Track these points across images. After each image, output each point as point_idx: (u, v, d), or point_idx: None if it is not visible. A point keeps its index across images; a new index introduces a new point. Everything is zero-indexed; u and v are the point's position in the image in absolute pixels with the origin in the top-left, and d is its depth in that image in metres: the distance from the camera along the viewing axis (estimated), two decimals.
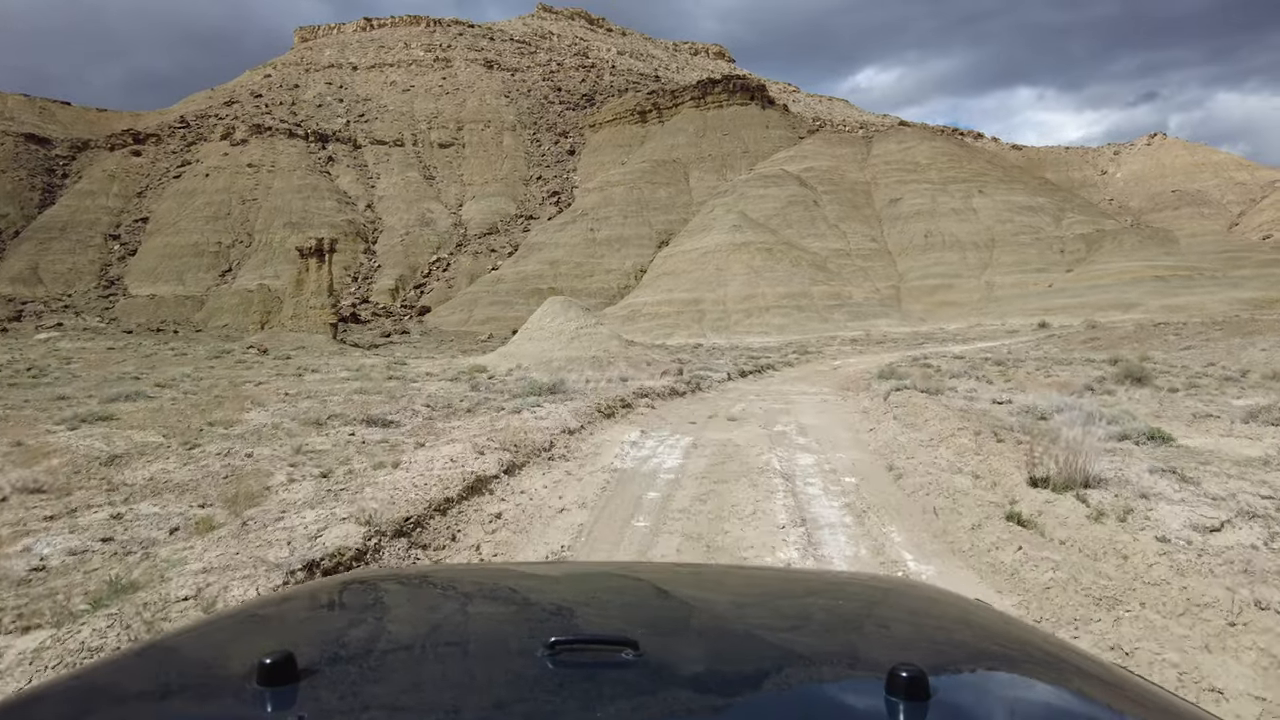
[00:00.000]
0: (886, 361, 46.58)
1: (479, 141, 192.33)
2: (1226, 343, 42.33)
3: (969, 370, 35.61)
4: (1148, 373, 26.90)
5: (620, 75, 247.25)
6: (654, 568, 2.86)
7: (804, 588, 1.97)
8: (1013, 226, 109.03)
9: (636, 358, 35.93)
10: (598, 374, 33.31)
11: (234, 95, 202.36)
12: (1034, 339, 61.76)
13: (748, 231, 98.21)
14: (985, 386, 25.39)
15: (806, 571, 2.93)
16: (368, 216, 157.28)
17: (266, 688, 1.13)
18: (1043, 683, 1.36)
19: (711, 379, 30.53)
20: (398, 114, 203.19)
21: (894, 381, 21.03)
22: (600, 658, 1.25)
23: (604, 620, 1.65)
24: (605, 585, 1.95)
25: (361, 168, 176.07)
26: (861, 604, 1.81)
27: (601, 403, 14.94)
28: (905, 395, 14.36)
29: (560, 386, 16.33)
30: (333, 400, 18.00)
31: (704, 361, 42.06)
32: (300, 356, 49.33)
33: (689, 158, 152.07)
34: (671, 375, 25.12)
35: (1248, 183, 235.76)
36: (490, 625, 1.59)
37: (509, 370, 34.75)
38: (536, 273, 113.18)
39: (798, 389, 30.43)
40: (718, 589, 1.94)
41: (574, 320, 37.43)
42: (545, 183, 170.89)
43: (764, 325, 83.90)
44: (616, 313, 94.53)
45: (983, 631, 1.60)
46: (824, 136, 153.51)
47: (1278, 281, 78.63)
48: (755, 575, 2.37)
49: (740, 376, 34.11)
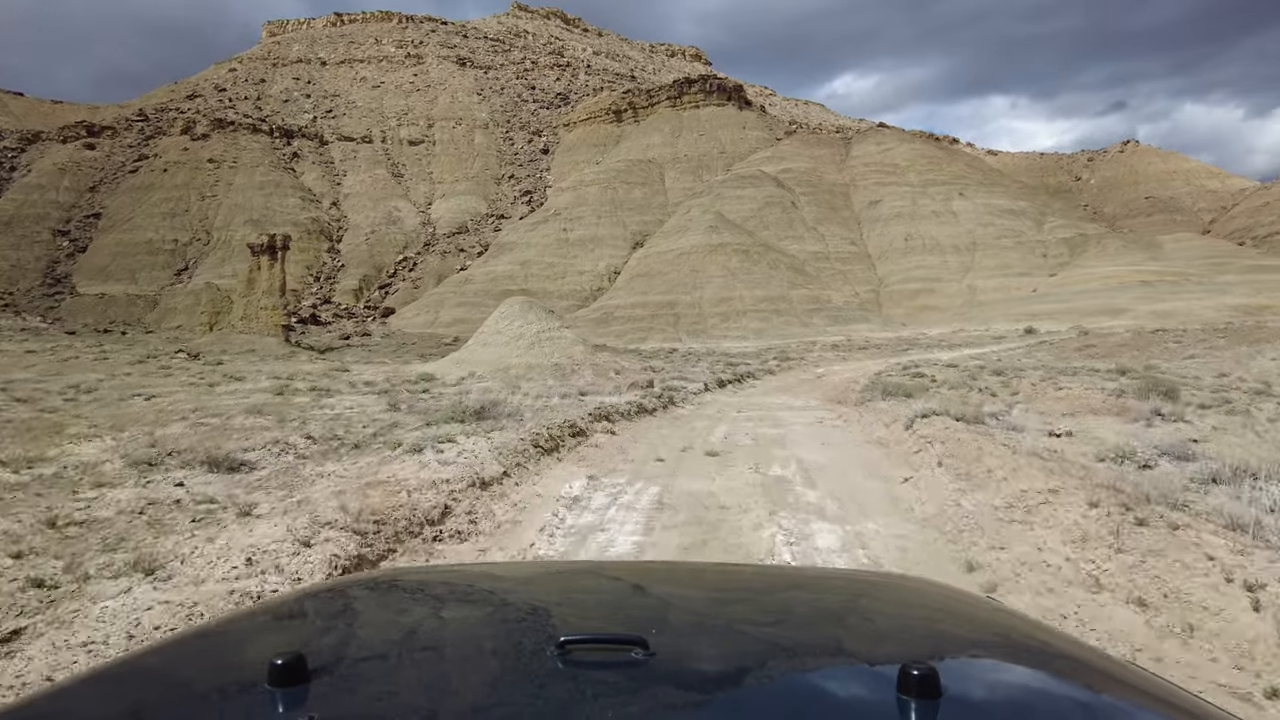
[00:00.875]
0: (874, 370, 43.55)
1: (450, 139, 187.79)
2: (1232, 351, 39.93)
3: (967, 380, 32.52)
4: (1175, 387, 23.81)
5: (596, 75, 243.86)
6: (663, 566, 2.80)
7: (815, 585, 1.95)
8: (994, 230, 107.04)
9: (604, 365, 32.49)
10: (559, 384, 29.78)
11: (197, 89, 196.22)
12: (1023, 345, 59.30)
13: (724, 233, 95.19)
14: (1020, 409, 22.33)
15: (817, 569, 2.80)
16: (333, 214, 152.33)
17: (277, 688, 1.14)
18: (1055, 681, 1.36)
19: (687, 390, 27.18)
20: (367, 110, 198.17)
21: (904, 400, 17.81)
22: (610, 657, 1.25)
23: (613, 619, 1.65)
24: (614, 584, 1.94)
25: (328, 165, 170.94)
26: (873, 601, 1.80)
27: (543, 432, 11.45)
28: (940, 426, 11.00)
29: (494, 408, 12.79)
30: (223, 420, 14.35)
31: (679, 369, 38.70)
32: (236, 362, 45.20)
33: (664, 158, 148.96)
34: (641, 387, 21.69)
35: (1219, 190, 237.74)
36: (500, 624, 1.61)
37: (459, 379, 31.15)
38: (507, 273, 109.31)
39: (784, 402, 27.14)
40: (727, 587, 1.93)
41: (535, 323, 33.88)
42: (518, 182, 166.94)
43: (741, 329, 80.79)
44: (588, 315, 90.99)
45: (995, 629, 1.61)
46: (801, 138, 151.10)
47: (1265, 287, 77.08)
48: (765, 573, 2.34)
49: (719, 387, 30.79)
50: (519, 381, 30.48)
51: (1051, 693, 1.30)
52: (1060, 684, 1.34)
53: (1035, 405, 25.29)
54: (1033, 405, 25.04)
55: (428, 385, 23.99)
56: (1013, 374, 35.21)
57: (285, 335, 70.59)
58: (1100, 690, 1.30)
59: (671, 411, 20.13)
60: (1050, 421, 13.83)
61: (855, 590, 1.90)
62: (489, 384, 29.57)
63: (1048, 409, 23.95)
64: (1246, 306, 69.37)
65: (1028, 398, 27.69)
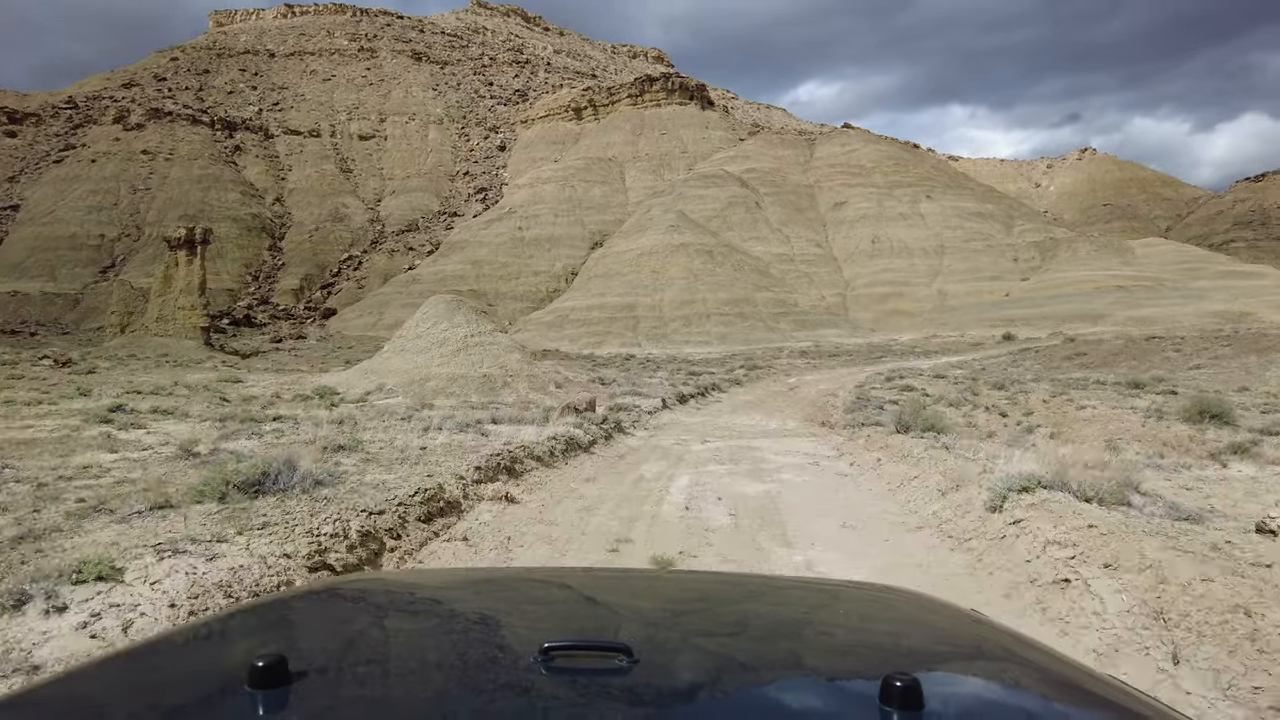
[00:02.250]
0: (853, 381, 39.13)
1: (402, 134, 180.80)
2: (1240, 361, 36.43)
3: (965, 396, 28.05)
4: (1228, 409, 19.42)
5: (556, 73, 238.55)
6: (648, 574, 2.81)
7: (799, 596, 1.95)
8: (963, 233, 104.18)
9: (543, 377, 27.44)
10: (484, 399, 24.65)
11: (135, 78, 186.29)
12: (1005, 353, 55.68)
13: (686, 232, 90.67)
14: (1040, 435, 17.91)
15: (802, 579, 2.72)
16: (276, 211, 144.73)
17: (259, 690, 1.13)
18: (1037, 694, 1.36)
19: (640, 410, 22.23)
20: (316, 104, 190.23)
21: (929, 433, 13.22)
22: (594, 664, 1.25)
23: (597, 626, 1.65)
24: (599, 591, 1.93)
25: (272, 159, 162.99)
26: (857, 612, 1.80)
27: (381, 515, 6.42)
28: (1071, 522, 6.11)
29: (292, 475, 7.52)
30: None
31: (634, 379, 33.75)
32: (124, 370, 39.27)
33: (625, 156, 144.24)
34: (577, 410, 16.71)
35: (1174, 198, 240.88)
36: (484, 630, 1.60)
37: (364, 394, 25.85)
38: (457, 273, 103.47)
39: (759, 425, 22.33)
40: (712, 596, 1.91)
41: (462, 326, 28.70)
42: (472, 179, 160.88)
43: (704, 334, 76.25)
44: (542, 318, 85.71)
45: (978, 641, 1.60)
46: (765, 138, 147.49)
47: (1242, 293, 74.98)
48: (749, 583, 2.30)
49: (679, 403, 25.93)
50: (435, 397, 25.30)
51: (1031, 707, 1.29)
52: (1041, 696, 1.32)
53: (1063, 431, 20.92)
54: (1059, 431, 20.67)
55: (293, 422, 18.70)
56: (1014, 387, 30.99)
57: (206, 338, 64.18)
58: (1083, 706, 1.29)
59: (615, 445, 15.22)
60: (1169, 478, 9.22)
61: (840, 600, 1.89)
62: (396, 400, 24.37)
63: (1080, 436, 19.45)
64: (1227, 313, 66.93)
65: (1051, 423, 23.22)
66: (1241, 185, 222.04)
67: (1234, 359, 36.51)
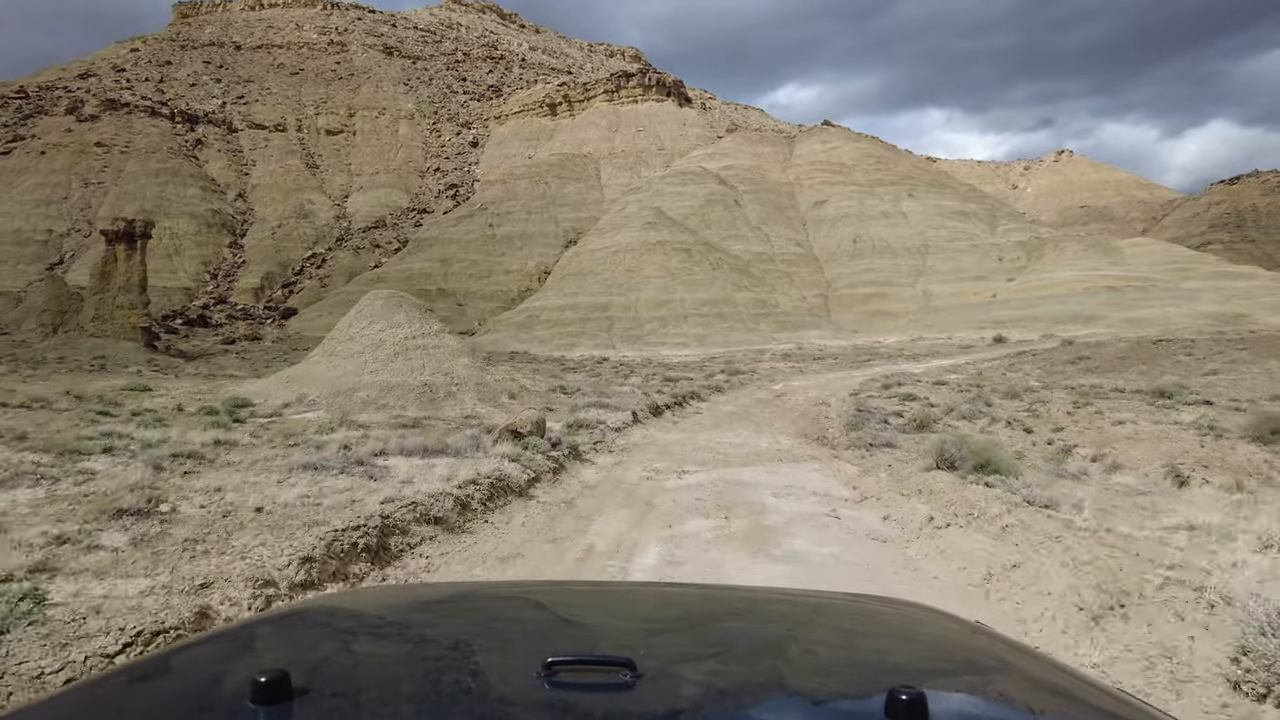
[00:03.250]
0: (843, 387, 35.76)
1: (372, 129, 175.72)
2: (1261, 366, 33.65)
3: (977, 407, 24.62)
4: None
5: (531, 69, 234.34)
6: (651, 587, 2.78)
7: (804, 608, 1.93)
8: (946, 232, 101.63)
9: (495, 386, 23.75)
10: (424, 411, 20.94)
11: (92, 69, 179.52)
12: (999, 356, 52.73)
13: (663, 229, 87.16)
14: (1090, 460, 14.88)
15: (807, 592, 2.67)
16: (238, 207, 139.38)
17: (261, 706, 1.12)
18: (1043, 708, 1.35)
19: (605, 427, 18.62)
20: (282, 97, 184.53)
21: (992, 474, 9.82)
22: (597, 678, 1.24)
23: (601, 640, 1.63)
24: (602, 605, 1.93)
25: (235, 153, 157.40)
26: (862, 625, 1.78)
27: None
28: None
29: None
30: None
31: (604, 387, 30.06)
32: (8, 380, 35.06)
33: (601, 153, 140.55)
34: (517, 434, 13.06)
35: (1148, 201, 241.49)
36: (487, 644, 1.58)
37: (283, 405, 22.00)
38: (425, 271, 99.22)
39: (748, 444, 18.82)
40: (716, 609, 1.90)
41: (403, 326, 24.94)
42: (443, 175, 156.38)
43: (682, 335, 72.77)
44: (512, 318, 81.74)
45: (984, 654, 1.58)
46: (744, 135, 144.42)
47: (1234, 294, 73.01)
48: (754, 595, 2.27)
49: (653, 415, 22.35)
50: (363, 410, 21.49)
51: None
52: (1051, 714, 1.31)
53: (1107, 452, 17.56)
54: (1103, 452, 17.34)
55: (172, 429, 14.86)
56: (1028, 396, 27.78)
57: (147, 339, 59.65)
58: (1090, 715, 1.28)
59: (565, 482, 11.62)
60: None
61: (845, 613, 1.87)
62: (313, 415, 20.55)
63: (1130, 459, 16.18)
64: (1223, 314, 64.73)
65: (1089, 441, 19.70)
66: (1217, 188, 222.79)
67: (1253, 363, 33.75)
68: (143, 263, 59.64)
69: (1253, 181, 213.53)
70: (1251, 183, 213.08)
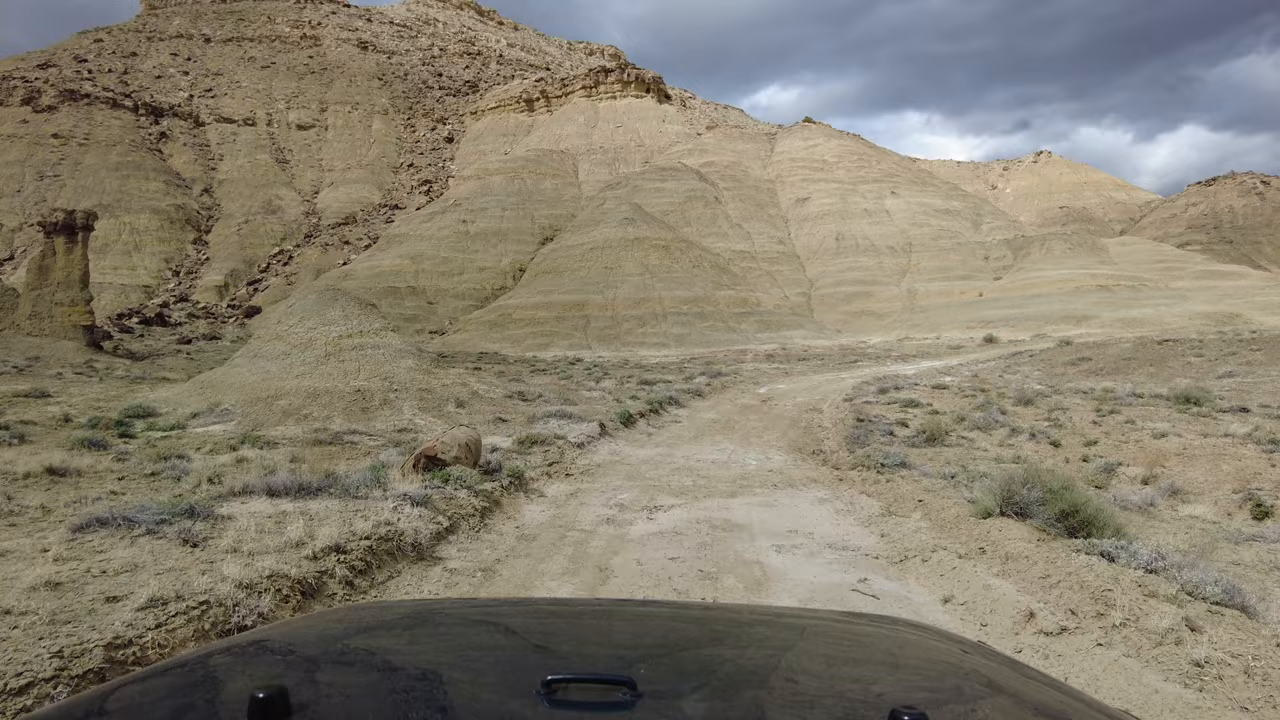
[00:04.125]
0: (834, 389, 33.08)
1: (345, 124, 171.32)
2: (1279, 368, 31.50)
3: (989, 415, 22.00)
4: None
5: (509, 65, 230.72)
6: (650, 605, 2.77)
7: (804, 627, 1.91)
8: (930, 230, 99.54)
9: (442, 393, 20.70)
10: (353, 422, 17.92)
11: (52, 59, 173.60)
12: (993, 357, 50.38)
13: (642, 225, 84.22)
14: (1153, 488, 12.27)
15: (807, 611, 2.59)
16: (203, 202, 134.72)
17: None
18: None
19: (567, 440, 15.79)
20: (252, 90, 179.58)
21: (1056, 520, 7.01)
22: (596, 697, 1.23)
23: (600, 658, 1.61)
24: (601, 622, 1.91)
25: (202, 147, 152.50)
26: (863, 644, 1.76)
27: None
28: None
29: None
30: None
31: (569, 393, 27.09)
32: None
33: (579, 149, 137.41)
34: (443, 455, 10.14)
35: (1126, 202, 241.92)
36: (487, 661, 1.56)
37: (191, 415, 18.89)
38: (394, 268, 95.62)
39: (733, 459, 16.21)
40: (716, 627, 1.88)
41: (338, 324, 21.86)
42: (417, 171, 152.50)
43: (660, 335, 69.91)
44: (483, 317, 78.43)
45: (985, 675, 1.58)
46: (724, 131, 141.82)
47: (1225, 294, 71.38)
48: (754, 613, 2.25)
49: (624, 425, 19.47)
50: (282, 421, 18.37)
51: None
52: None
53: (1158, 471, 15.08)
54: (1155, 473, 14.90)
55: None
56: (1042, 402, 25.17)
57: (90, 338, 55.87)
58: None
59: (494, 530, 8.72)
60: None
61: (845, 633, 1.85)
62: (220, 428, 17.44)
63: (1191, 482, 13.78)
64: (1216, 314, 62.92)
65: (1134, 458, 17.05)
66: (1193, 189, 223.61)
67: (1269, 365, 31.57)
68: (84, 256, 55.78)
69: (1229, 183, 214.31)
70: (1228, 184, 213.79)
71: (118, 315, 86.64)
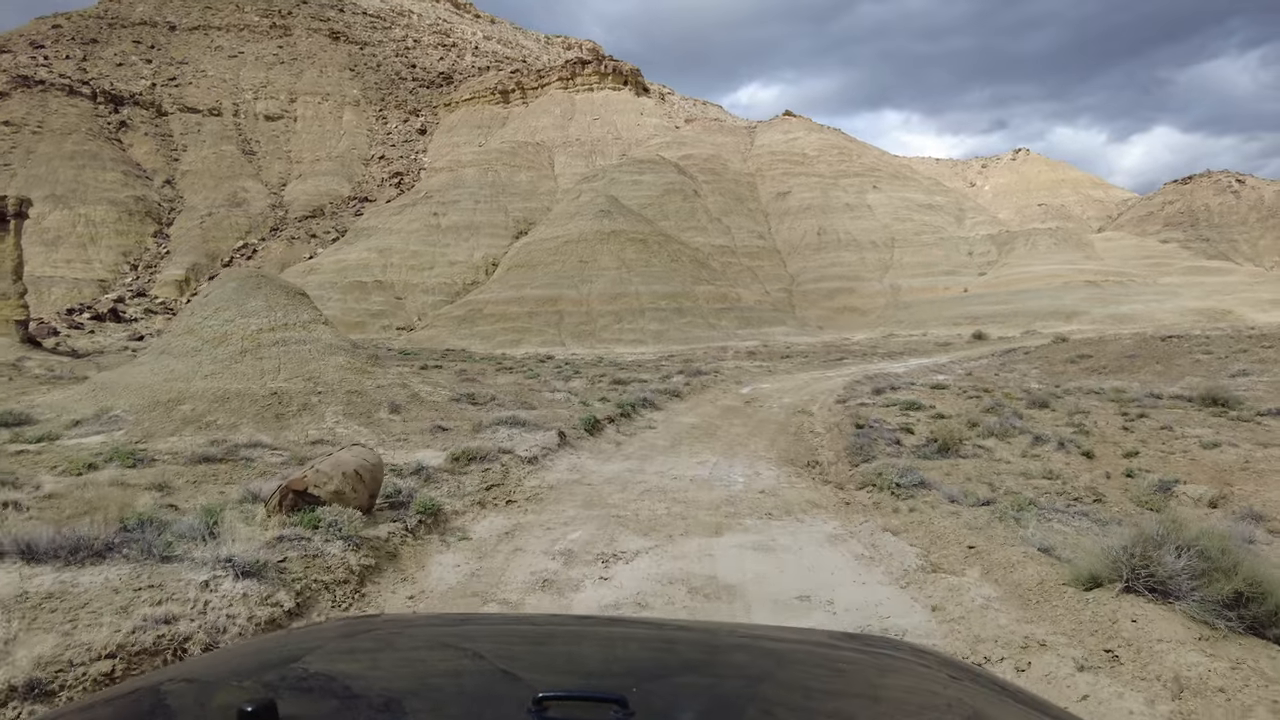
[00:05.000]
0: (824, 391, 30.60)
1: (314, 115, 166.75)
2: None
3: (1009, 421, 19.58)
4: None
5: (484, 57, 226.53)
6: (643, 622, 2.75)
7: (799, 647, 1.90)
8: (913, 225, 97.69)
9: (375, 395, 17.82)
10: (263, 431, 15.05)
11: (7, 44, 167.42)
12: (985, 354, 48.25)
13: (618, 218, 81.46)
14: None
15: (802, 630, 2.57)
16: (165, 194, 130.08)
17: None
18: None
19: (511, 457, 12.98)
20: (218, 80, 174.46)
21: None
22: (588, 715, 1.22)
23: (592, 676, 1.61)
24: (593, 639, 1.90)
25: (165, 138, 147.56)
26: (844, 674, 1.73)
27: None
28: None
29: None
30: None
31: (526, 398, 24.28)
32: None
33: (554, 141, 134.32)
34: (315, 491, 7.27)
35: (1103, 200, 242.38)
36: (477, 678, 1.55)
37: (74, 422, 15.93)
38: (361, 262, 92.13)
39: (717, 475, 13.63)
40: (709, 645, 1.87)
41: (260, 315, 18.91)
42: (389, 163, 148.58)
43: (637, 331, 67.21)
44: (451, 313, 75.31)
45: (971, 705, 1.56)
46: (703, 124, 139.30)
47: (1215, 290, 70.00)
48: (748, 632, 2.21)
49: (589, 432, 16.76)
50: (181, 429, 15.39)
51: None
52: None
53: (1228, 493, 12.51)
54: (1224, 495, 12.36)
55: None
56: (1058, 404, 22.80)
57: (25, 334, 52.21)
58: None
59: (377, 603, 5.93)
60: None
61: (841, 653, 1.84)
62: (99, 439, 14.53)
63: (1274, 502, 11.07)
64: (1209, 310, 61.42)
65: (1186, 473, 14.51)
66: (1170, 187, 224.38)
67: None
68: (17, 246, 52.05)
69: (1205, 181, 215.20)
70: (1204, 182, 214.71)
71: (68, 310, 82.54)
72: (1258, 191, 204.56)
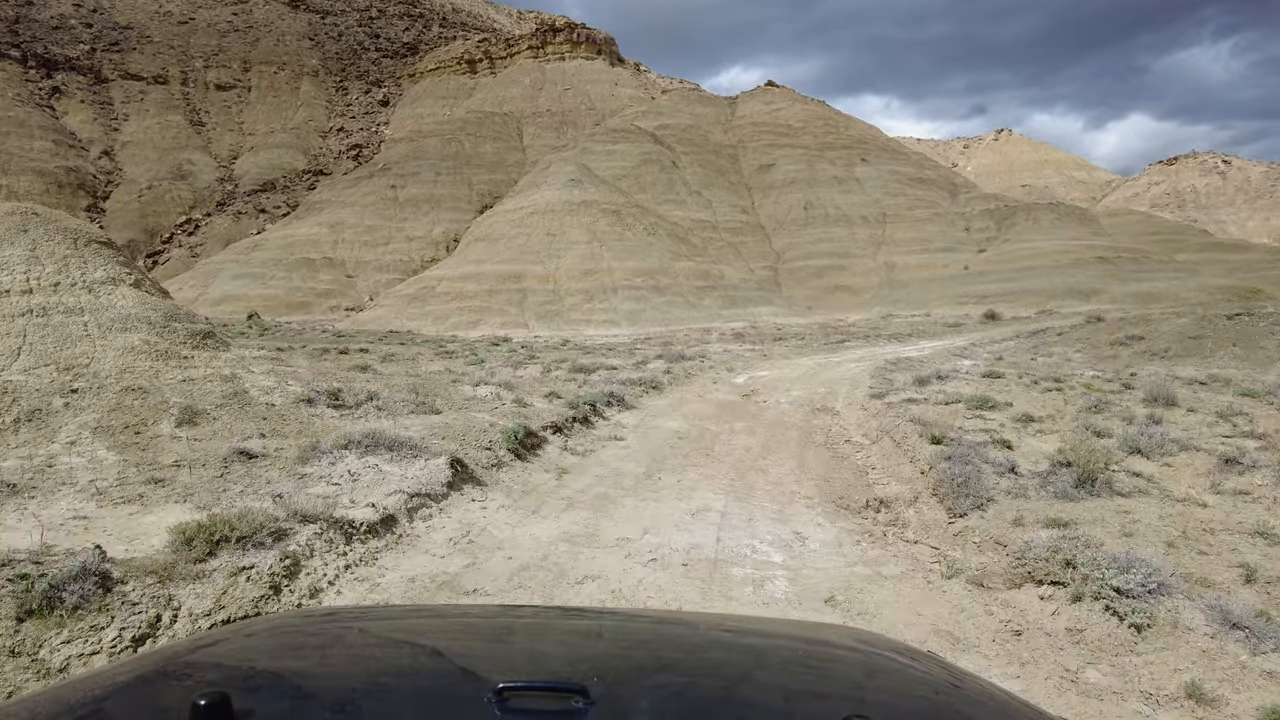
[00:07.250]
0: (840, 377, 24.08)
1: (269, 85, 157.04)
2: None
3: (1144, 429, 12.69)
4: None
5: (452, 28, 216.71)
6: (604, 612, 2.74)
7: (756, 635, 1.88)
8: (906, 200, 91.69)
9: (166, 399, 10.59)
10: None
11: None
12: (1007, 336, 42.22)
13: (590, 188, 74.48)
14: None
15: (759, 619, 2.61)
16: (101, 165, 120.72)
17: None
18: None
19: (329, 526, 5.77)
20: (165, 47, 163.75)
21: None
22: (549, 706, 1.22)
23: (553, 666, 1.58)
24: (555, 629, 1.86)
25: (103, 105, 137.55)
26: (814, 653, 1.74)
27: None
28: None
29: None
30: None
31: (428, 398, 17.31)
32: None
33: (524, 112, 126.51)
34: None
35: (1087, 181, 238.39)
36: (435, 669, 1.53)
37: None
38: (311, 238, 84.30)
39: (733, 551, 6.72)
40: (670, 635, 1.87)
41: (14, 269, 11.80)
42: (348, 135, 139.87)
43: (610, 311, 60.45)
44: (402, 291, 67.97)
45: (934, 683, 1.57)
46: (682, 93, 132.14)
47: (1235, 267, 64.95)
48: (708, 621, 2.21)
49: (516, 452, 9.98)
50: None
51: None
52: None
53: None
54: None
55: None
56: (1189, 398, 16.50)
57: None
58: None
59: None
60: None
61: (798, 641, 1.83)
62: None
63: None
64: (1235, 288, 56.10)
65: None
66: (1155, 168, 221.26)
67: None
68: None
69: (1190, 162, 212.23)
70: (1190, 163, 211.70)
71: None
72: (1244, 172, 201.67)
